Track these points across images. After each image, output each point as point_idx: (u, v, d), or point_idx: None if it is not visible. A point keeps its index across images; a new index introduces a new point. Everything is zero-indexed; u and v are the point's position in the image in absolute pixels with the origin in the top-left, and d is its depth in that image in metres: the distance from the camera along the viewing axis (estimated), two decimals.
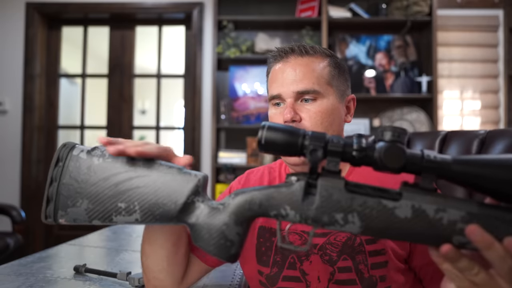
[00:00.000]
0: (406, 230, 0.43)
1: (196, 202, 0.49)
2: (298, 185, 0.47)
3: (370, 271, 0.72)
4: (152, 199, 0.48)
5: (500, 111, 3.01)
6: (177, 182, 0.49)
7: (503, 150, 0.92)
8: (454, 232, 0.42)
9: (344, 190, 0.45)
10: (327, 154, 0.46)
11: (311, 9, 2.84)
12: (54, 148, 3.17)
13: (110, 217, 0.49)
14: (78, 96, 3.32)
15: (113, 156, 0.50)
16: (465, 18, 3.01)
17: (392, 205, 0.44)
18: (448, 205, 0.43)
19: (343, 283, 0.73)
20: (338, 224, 0.45)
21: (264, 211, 0.47)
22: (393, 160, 0.44)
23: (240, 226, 0.48)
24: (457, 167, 0.43)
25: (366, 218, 0.44)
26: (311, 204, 0.46)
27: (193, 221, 0.49)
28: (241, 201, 0.48)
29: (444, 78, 3.00)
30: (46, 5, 3.05)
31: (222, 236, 0.48)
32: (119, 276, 0.90)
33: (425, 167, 0.44)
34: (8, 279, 0.89)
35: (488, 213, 0.42)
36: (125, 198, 0.48)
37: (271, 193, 0.47)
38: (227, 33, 2.85)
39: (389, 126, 0.45)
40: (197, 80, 3.00)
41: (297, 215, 0.46)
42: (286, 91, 0.76)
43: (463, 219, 0.42)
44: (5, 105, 3.02)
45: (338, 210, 0.45)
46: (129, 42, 3.18)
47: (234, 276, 0.98)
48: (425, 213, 0.43)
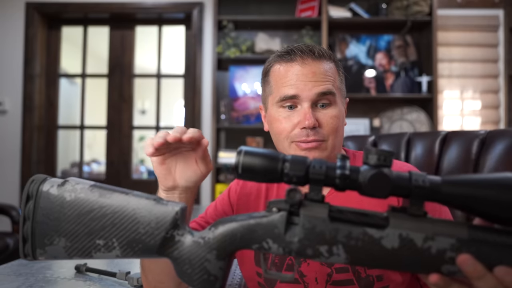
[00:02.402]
0: (394, 261, 0.42)
1: (175, 236, 0.47)
2: (279, 216, 0.44)
3: (367, 270, 0.72)
4: (130, 235, 0.47)
5: (500, 111, 3.01)
6: (154, 216, 0.47)
7: (503, 150, 0.92)
8: (443, 262, 0.41)
9: (328, 220, 0.43)
10: (308, 182, 0.44)
11: (311, 9, 2.84)
12: (54, 148, 3.18)
13: (89, 254, 0.47)
14: (78, 96, 3.32)
15: (85, 190, 0.48)
16: (465, 18, 3.01)
17: (379, 235, 0.42)
18: (437, 232, 0.41)
19: (340, 283, 0.73)
20: (323, 256, 0.43)
21: (246, 245, 0.45)
22: (378, 188, 0.42)
23: (222, 260, 0.46)
24: (447, 189, 0.41)
25: (351, 250, 0.42)
26: (294, 237, 0.44)
27: (175, 255, 0.47)
28: (222, 236, 0.46)
29: (444, 78, 3.00)
30: (46, 5, 3.05)
31: (205, 272, 0.46)
32: (118, 275, 0.90)
33: (414, 192, 0.42)
34: (8, 279, 0.89)
35: (478, 239, 0.40)
36: (102, 235, 0.47)
37: (252, 226, 0.45)
38: (227, 33, 2.85)
39: (375, 149, 0.42)
40: (197, 80, 3.00)
41: (280, 248, 0.44)
42: (307, 93, 0.73)
43: (453, 247, 0.41)
44: (5, 105, 3.02)
45: (322, 243, 0.43)
46: (129, 42, 3.18)
47: (234, 276, 0.98)
48: (413, 243, 0.41)
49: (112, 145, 3.16)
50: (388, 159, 0.42)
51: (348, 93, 2.98)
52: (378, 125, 2.88)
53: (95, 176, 4.17)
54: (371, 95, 2.84)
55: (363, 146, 0.41)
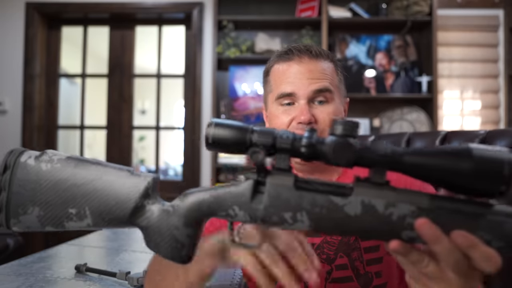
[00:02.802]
0: (356, 227, 0.43)
1: (146, 205, 0.48)
2: (246, 184, 0.45)
3: (366, 267, 0.73)
4: (102, 204, 0.47)
5: (500, 111, 3.01)
6: (126, 186, 0.48)
7: None
8: (403, 227, 0.42)
9: (293, 188, 0.44)
10: (276, 151, 0.45)
11: (311, 9, 2.84)
12: (54, 148, 3.16)
13: (62, 223, 0.48)
14: (78, 96, 3.32)
15: (62, 160, 0.49)
16: (465, 18, 3.01)
17: (342, 202, 0.43)
18: (399, 199, 0.42)
19: (340, 280, 0.73)
20: (287, 223, 0.44)
21: (213, 212, 0.46)
22: (342, 156, 0.42)
23: (190, 228, 0.47)
24: (408, 158, 0.42)
25: (315, 217, 0.43)
26: (260, 204, 0.45)
27: (145, 224, 0.48)
28: (190, 203, 0.47)
29: (444, 78, 3.00)
30: (46, 5, 3.05)
31: (172, 238, 0.47)
32: (119, 275, 0.90)
33: (376, 161, 0.43)
34: (8, 279, 0.89)
35: (438, 206, 0.42)
36: (75, 204, 0.47)
37: (219, 194, 0.46)
38: (227, 33, 2.85)
39: (341, 120, 0.43)
40: (197, 80, 3.00)
41: (246, 215, 0.45)
42: (303, 90, 0.76)
43: (413, 214, 0.42)
44: (5, 105, 3.02)
45: (287, 209, 0.44)
46: (129, 42, 3.18)
47: (234, 276, 0.98)
48: (374, 209, 0.42)
49: (112, 145, 3.16)
50: (354, 129, 0.43)
51: (348, 93, 2.97)
52: (378, 125, 2.88)
53: None
54: (371, 95, 2.84)
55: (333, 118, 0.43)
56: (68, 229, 0.48)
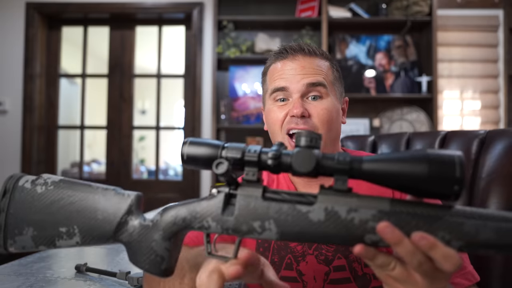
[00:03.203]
0: (321, 233, 0.44)
1: (129, 221, 0.51)
2: (219, 197, 0.48)
3: (364, 268, 0.73)
4: (90, 222, 0.51)
5: (500, 111, 3.01)
6: (112, 204, 0.51)
7: (503, 150, 0.92)
8: (366, 231, 0.43)
9: (261, 199, 0.47)
10: (244, 164, 0.47)
11: (311, 9, 2.84)
12: (54, 148, 3.18)
13: (53, 242, 0.51)
14: (78, 96, 3.32)
15: (55, 183, 0.52)
16: (465, 18, 3.02)
17: (306, 209, 0.45)
18: (360, 204, 0.44)
19: (337, 282, 0.73)
20: (256, 232, 0.46)
21: (188, 225, 0.49)
22: (303, 165, 0.45)
23: (168, 241, 0.49)
24: (367, 166, 0.44)
25: (281, 224, 0.45)
26: (231, 215, 0.47)
27: (127, 239, 0.51)
28: (167, 217, 0.49)
29: (444, 78, 3.00)
30: (46, 5, 3.05)
31: (151, 252, 0.49)
32: (119, 275, 0.90)
33: (337, 169, 0.45)
34: (8, 279, 0.89)
35: (399, 210, 0.43)
36: (65, 223, 0.51)
37: (194, 207, 0.49)
38: (227, 33, 2.85)
39: (305, 132, 0.46)
40: (197, 80, 3.00)
41: (218, 226, 0.47)
42: (295, 85, 0.77)
43: (374, 218, 0.43)
44: (5, 105, 3.02)
45: (255, 219, 0.46)
46: (129, 42, 3.18)
47: None
48: (337, 215, 0.44)
49: (112, 145, 3.16)
50: (317, 141, 0.46)
51: (348, 93, 2.97)
52: (378, 125, 2.88)
53: (95, 176, 4.17)
54: (371, 95, 2.84)
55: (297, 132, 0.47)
56: (59, 247, 0.52)
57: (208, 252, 0.50)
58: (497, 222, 0.41)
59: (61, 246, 0.51)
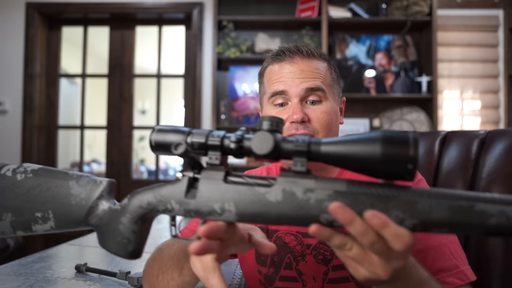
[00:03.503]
0: (278, 214, 0.45)
1: (100, 205, 0.53)
2: (183, 180, 0.50)
3: None
4: (64, 207, 0.53)
5: (500, 111, 3.01)
6: (85, 190, 0.53)
7: (503, 150, 0.92)
8: (321, 211, 0.44)
9: (222, 181, 0.48)
10: (208, 149, 0.49)
11: (311, 9, 2.84)
12: (54, 148, 3.18)
13: (30, 227, 0.53)
14: (78, 96, 3.32)
15: (34, 171, 0.55)
16: (465, 18, 3.02)
17: (264, 190, 0.46)
18: (318, 185, 0.45)
19: (336, 281, 0.74)
20: (216, 213, 0.47)
21: (154, 208, 0.50)
22: (261, 147, 0.46)
23: (135, 224, 0.51)
24: (324, 148, 0.45)
25: (240, 205, 0.46)
26: (193, 198, 0.48)
27: (97, 223, 0.53)
28: (134, 201, 0.51)
29: (444, 78, 3.00)
30: (46, 5, 3.05)
31: (119, 234, 0.51)
32: (119, 275, 0.90)
33: (296, 152, 0.46)
34: (8, 279, 0.89)
35: (355, 190, 0.44)
36: (41, 208, 0.53)
37: (159, 191, 0.50)
38: (227, 33, 2.85)
39: (267, 116, 0.47)
40: (197, 80, 3.00)
41: (181, 209, 0.49)
42: (295, 89, 0.76)
43: (330, 198, 0.44)
44: (5, 105, 3.02)
45: (215, 201, 0.47)
46: (129, 42, 3.18)
47: (234, 276, 0.98)
48: (294, 195, 0.45)
49: (112, 145, 3.16)
50: (279, 125, 0.47)
51: (348, 93, 2.97)
52: (378, 125, 2.88)
53: None
54: (371, 95, 2.84)
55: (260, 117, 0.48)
56: (35, 233, 0.54)
57: (172, 235, 0.52)
58: (451, 201, 0.41)
59: (37, 231, 0.53)
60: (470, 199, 0.41)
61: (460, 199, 0.41)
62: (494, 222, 0.40)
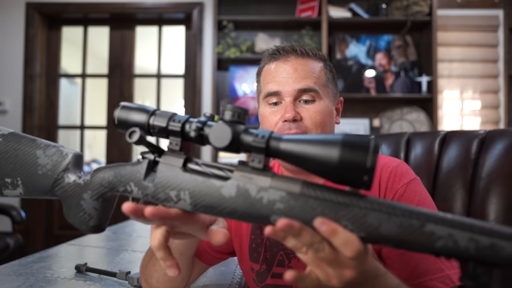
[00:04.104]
0: (231, 209, 0.44)
1: (65, 178, 0.54)
2: (143, 163, 0.49)
3: None
4: (31, 176, 0.54)
5: (500, 111, 3.01)
6: (51, 161, 0.54)
7: (503, 150, 0.92)
8: (272, 212, 0.43)
9: (180, 169, 0.47)
10: (169, 134, 0.48)
11: (311, 9, 2.84)
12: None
13: (1, 191, 0.56)
14: (78, 96, 3.32)
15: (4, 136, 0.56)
16: (465, 18, 3.02)
17: (220, 184, 0.45)
18: (272, 184, 0.43)
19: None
20: (172, 200, 0.47)
21: (114, 187, 0.50)
22: (219, 140, 0.44)
23: (96, 201, 0.52)
24: (283, 145, 0.43)
25: (195, 196, 0.46)
26: (151, 182, 0.48)
27: (62, 195, 0.54)
28: (96, 179, 0.52)
29: (444, 78, 3.00)
30: (46, 5, 3.05)
31: (81, 209, 0.52)
32: (119, 275, 0.90)
33: (253, 147, 0.44)
34: (8, 279, 0.89)
35: (309, 193, 0.42)
36: (11, 174, 0.55)
37: (119, 171, 0.50)
38: (227, 33, 2.85)
39: (230, 106, 0.45)
40: (197, 80, 3.00)
41: (139, 192, 0.49)
42: (288, 89, 0.76)
43: (282, 199, 0.43)
44: (5, 105, 3.03)
45: (172, 188, 0.47)
46: (129, 42, 3.19)
47: (234, 276, 0.98)
48: (247, 193, 0.44)
49: (112, 145, 3.16)
50: (242, 116, 0.45)
51: (348, 93, 2.96)
52: (378, 125, 2.88)
53: None
54: (371, 95, 2.85)
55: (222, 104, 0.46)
56: (6, 196, 0.56)
57: None
58: (403, 218, 0.40)
59: (8, 195, 0.56)
60: (421, 218, 0.39)
61: (411, 217, 0.40)
62: (441, 244, 0.39)
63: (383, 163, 0.77)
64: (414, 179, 0.76)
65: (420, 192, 0.74)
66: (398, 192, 0.73)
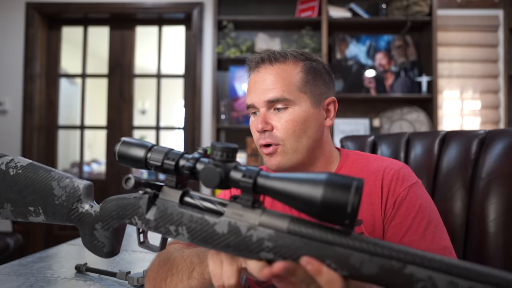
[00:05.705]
0: (225, 244, 0.47)
1: (79, 208, 0.59)
2: (144, 198, 0.53)
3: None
4: (49, 205, 0.60)
5: (500, 111, 3.01)
6: (65, 192, 0.59)
7: (503, 150, 0.92)
8: (261, 249, 0.45)
9: (177, 205, 0.51)
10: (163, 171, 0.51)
11: (311, 9, 2.84)
12: (54, 148, 3.18)
13: (27, 217, 0.61)
14: (78, 96, 3.32)
15: (23, 167, 0.61)
16: (465, 18, 3.02)
17: (213, 221, 0.48)
18: (260, 222, 0.46)
19: None
20: (171, 234, 0.51)
21: (121, 219, 0.55)
22: (208, 182, 0.47)
23: (107, 231, 0.57)
24: (270, 183, 0.45)
25: (191, 231, 0.49)
26: (152, 216, 0.52)
27: (78, 224, 0.59)
28: (105, 210, 0.57)
29: (444, 78, 3.00)
30: (46, 5, 3.05)
31: (94, 238, 0.58)
32: (119, 275, 0.90)
33: (241, 185, 0.47)
34: (8, 279, 0.89)
35: (295, 231, 0.44)
36: (33, 204, 0.60)
37: (125, 205, 0.55)
38: (227, 33, 2.85)
39: (220, 146, 0.47)
40: (197, 80, 3.00)
41: (143, 224, 0.53)
42: (258, 100, 0.77)
43: (270, 238, 0.45)
44: (5, 105, 3.02)
45: (171, 223, 0.51)
46: (129, 42, 3.19)
47: None
48: (238, 230, 0.46)
49: (112, 145, 3.16)
50: (231, 155, 0.48)
51: (348, 93, 2.96)
52: (378, 125, 2.88)
53: (95, 176, 4.17)
54: (371, 95, 2.84)
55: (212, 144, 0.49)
56: (32, 221, 0.62)
57: (139, 242, 0.56)
58: (384, 259, 0.41)
59: (33, 221, 0.62)
60: (401, 260, 0.40)
61: (392, 258, 0.41)
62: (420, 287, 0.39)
63: (385, 165, 0.77)
64: (416, 182, 0.76)
65: (421, 195, 0.75)
66: (400, 195, 0.74)
